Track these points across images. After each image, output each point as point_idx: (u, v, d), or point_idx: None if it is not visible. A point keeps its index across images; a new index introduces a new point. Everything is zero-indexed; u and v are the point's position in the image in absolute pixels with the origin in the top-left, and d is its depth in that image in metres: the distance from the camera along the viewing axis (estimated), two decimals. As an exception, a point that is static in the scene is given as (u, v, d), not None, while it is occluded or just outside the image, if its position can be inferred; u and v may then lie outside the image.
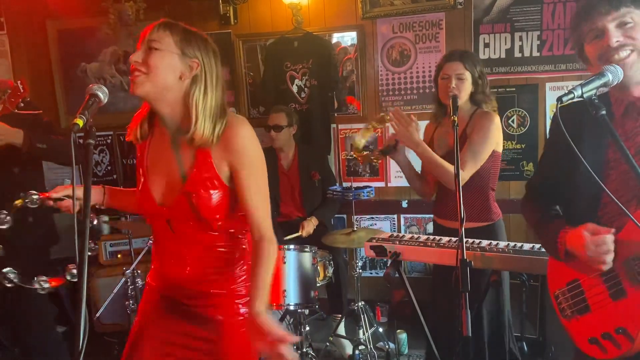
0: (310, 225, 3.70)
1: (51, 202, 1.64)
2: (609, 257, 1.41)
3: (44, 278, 1.81)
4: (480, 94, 2.49)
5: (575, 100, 1.39)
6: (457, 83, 2.43)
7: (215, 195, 1.56)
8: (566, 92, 1.38)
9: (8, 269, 1.79)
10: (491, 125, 2.43)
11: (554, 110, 1.50)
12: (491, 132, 2.43)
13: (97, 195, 1.78)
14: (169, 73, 1.50)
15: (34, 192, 1.67)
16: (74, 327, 1.14)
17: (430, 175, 2.65)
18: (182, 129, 1.56)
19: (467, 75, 2.43)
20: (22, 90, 2.19)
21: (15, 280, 1.77)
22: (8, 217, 1.68)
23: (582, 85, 1.38)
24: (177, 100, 1.54)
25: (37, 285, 1.78)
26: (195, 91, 1.52)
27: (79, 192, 1.30)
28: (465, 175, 2.37)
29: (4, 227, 1.66)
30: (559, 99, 1.38)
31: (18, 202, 1.65)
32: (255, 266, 1.59)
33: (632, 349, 1.40)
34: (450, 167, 2.37)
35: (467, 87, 2.45)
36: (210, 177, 1.55)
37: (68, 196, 1.65)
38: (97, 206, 1.79)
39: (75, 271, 1.80)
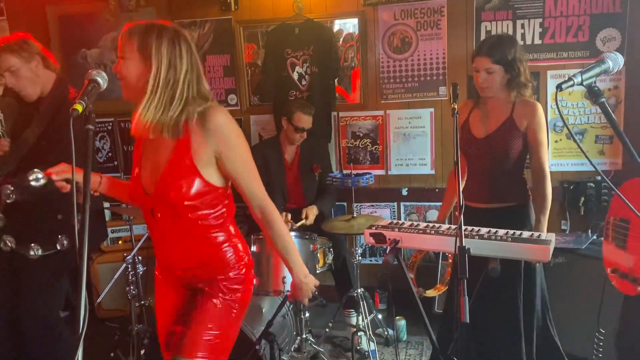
0: (312, 214, 3.70)
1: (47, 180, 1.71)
2: None
3: (36, 245, 1.88)
4: (517, 81, 2.52)
5: (575, 87, 1.39)
6: (485, 77, 2.49)
7: (189, 182, 1.62)
8: (566, 79, 1.39)
9: (6, 235, 1.84)
10: (543, 117, 2.55)
11: (555, 98, 1.52)
12: (545, 123, 2.58)
13: (93, 182, 1.85)
14: (135, 77, 1.59)
15: (39, 170, 1.72)
16: (75, 312, 1.15)
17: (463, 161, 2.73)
18: None
19: (497, 68, 2.47)
20: None
21: (12, 245, 1.84)
22: (13, 193, 1.78)
23: (582, 73, 1.38)
24: None
25: (31, 253, 1.85)
26: (150, 87, 1.57)
27: (79, 176, 1.35)
28: (547, 171, 2.55)
29: (9, 200, 1.77)
30: (559, 86, 1.38)
31: (24, 178, 1.72)
32: (271, 239, 1.76)
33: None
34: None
35: (497, 79, 2.50)
36: (186, 165, 1.61)
37: (67, 179, 1.70)
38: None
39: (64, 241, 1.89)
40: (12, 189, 1.76)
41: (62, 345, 2.53)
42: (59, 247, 1.98)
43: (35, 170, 1.72)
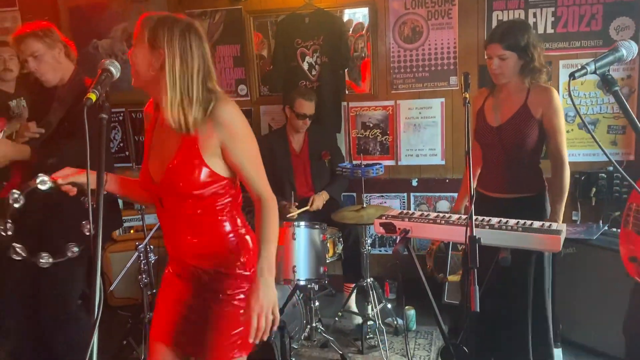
0: (320, 200, 3.72)
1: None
2: None
3: (46, 254, 1.90)
4: (531, 66, 2.46)
5: (588, 76, 1.38)
6: (498, 64, 2.46)
7: (196, 172, 1.64)
8: (579, 67, 1.38)
9: (17, 245, 1.87)
10: (559, 103, 2.49)
11: (567, 87, 1.50)
12: (562, 108, 2.51)
13: (111, 184, 1.87)
14: (143, 66, 1.60)
15: (44, 175, 1.72)
16: (89, 300, 1.17)
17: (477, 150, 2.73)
18: None
19: (509, 54, 2.43)
20: None
21: (23, 254, 1.87)
22: (21, 196, 1.75)
23: (595, 61, 1.38)
24: (158, 88, 1.60)
25: (42, 260, 1.88)
26: (163, 79, 1.57)
27: (84, 177, 1.34)
28: (565, 158, 2.50)
29: (17, 205, 1.74)
30: (572, 75, 1.37)
31: (31, 182, 1.72)
32: (257, 226, 1.71)
33: None
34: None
35: (511, 65, 2.46)
36: (193, 155, 1.63)
37: (73, 183, 1.71)
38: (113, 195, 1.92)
39: (74, 248, 1.91)
40: (19, 193, 1.74)
41: (81, 331, 2.59)
42: (69, 255, 2.01)
43: (40, 174, 1.72)
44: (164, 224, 1.80)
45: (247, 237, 1.80)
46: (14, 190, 1.75)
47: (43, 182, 1.70)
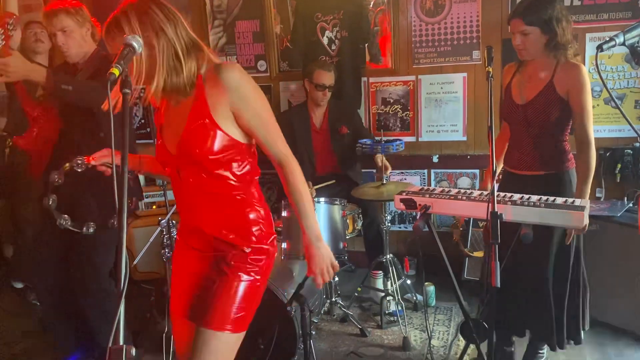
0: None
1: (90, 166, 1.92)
2: None
3: (92, 224, 2.16)
4: (555, 42, 2.38)
5: (616, 48, 1.35)
6: (521, 40, 2.41)
7: (211, 137, 1.63)
8: (607, 39, 1.34)
9: (65, 216, 2.09)
10: (587, 80, 2.40)
11: (594, 62, 1.47)
12: (589, 86, 2.42)
13: (133, 163, 1.97)
14: (146, 65, 1.58)
15: (80, 157, 1.91)
16: (114, 273, 1.20)
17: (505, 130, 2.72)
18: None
19: (531, 30, 2.36)
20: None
21: (68, 225, 2.09)
22: (60, 177, 2.00)
23: (624, 32, 1.34)
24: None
25: (84, 229, 2.12)
26: (160, 62, 1.58)
27: (117, 158, 1.38)
28: (591, 137, 2.42)
29: (56, 184, 1.99)
30: (599, 47, 1.34)
31: (67, 165, 1.96)
32: (288, 194, 1.75)
33: None
34: None
35: (534, 41, 2.39)
36: (206, 121, 1.63)
37: (108, 164, 1.82)
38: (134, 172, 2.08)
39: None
40: (58, 174, 1.99)
41: (111, 303, 2.67)
42: (109, 226, 2.22)
43: (78, 157, 1.90)
44: (180, 196, 1.80)
45: (262, 211, 1.80)
46: (54, 172, 2.00)
47: (78, 165, 1.91)
